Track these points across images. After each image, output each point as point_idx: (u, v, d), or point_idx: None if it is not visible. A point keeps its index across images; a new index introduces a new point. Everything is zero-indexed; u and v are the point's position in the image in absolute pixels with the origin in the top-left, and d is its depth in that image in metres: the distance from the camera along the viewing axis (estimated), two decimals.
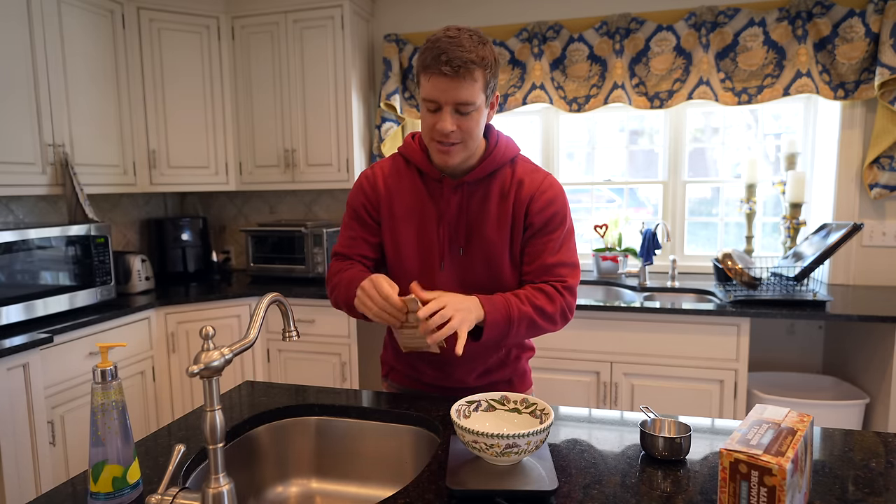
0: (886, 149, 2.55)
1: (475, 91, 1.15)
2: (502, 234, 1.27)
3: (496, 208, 1.28)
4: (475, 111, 1.17)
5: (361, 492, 1.23)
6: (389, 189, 1.33)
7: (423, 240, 1.30)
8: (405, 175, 1.33)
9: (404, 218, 1.31)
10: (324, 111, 3.02)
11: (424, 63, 1.15)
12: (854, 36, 2.54)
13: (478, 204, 1.28)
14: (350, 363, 2.84)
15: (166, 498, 0.84)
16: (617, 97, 2.79)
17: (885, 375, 2.20)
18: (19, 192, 2.35)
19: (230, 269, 3.63)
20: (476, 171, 1.27)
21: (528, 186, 1.27)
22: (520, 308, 1.20)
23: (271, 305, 1.02)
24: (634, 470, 0.98)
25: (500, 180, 1.29)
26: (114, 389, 0.90)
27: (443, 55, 1.11)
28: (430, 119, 1.19)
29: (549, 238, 1.27)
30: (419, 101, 1.22)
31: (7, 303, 2.15)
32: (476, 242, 1.28)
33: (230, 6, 3.07)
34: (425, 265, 1.31)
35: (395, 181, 1.33)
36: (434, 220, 1.30)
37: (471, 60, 1.12)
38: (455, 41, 1.13)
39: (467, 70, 1.12)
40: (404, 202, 1.31)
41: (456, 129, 1.17)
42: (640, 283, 2.82)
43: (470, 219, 1.28)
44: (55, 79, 2.48)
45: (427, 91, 1.16)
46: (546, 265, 1.27)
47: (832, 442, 1.07)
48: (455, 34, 1.14)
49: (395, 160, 1.36)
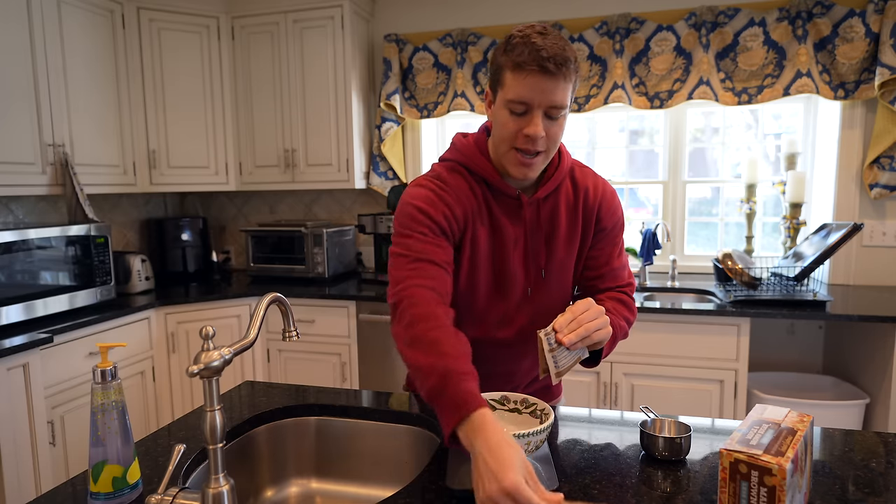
0: (886, 149, 2.55)
1: (568, 92, 1.05)
2: (571, 248, 1.21)
3: (566, 223, 1.19)
4: (563, 118, 1.07)
5: (361, 492, 1.23)
6: (471, 207, 1.15)
7: (500, 268, 1.18)
8: (476, 190, 1.16)
9: (484, 243, 1.16)
10: (324, 111, 3.02)
11: (518, 60, 1.01)
12: (854, 36, 2.54)
13: (548, 220, 1.18)
14: (350, 363, 2.84)
15: (166, 498, 0.84)
16: (617, 97, 2.79)
17: (885, 375, 2.20)
18: (19, 192, 2.35)
19: (230, 269, 3.63)
20: (548, 185, 1.16)
21: (593, 192, 1.21)
22: (619, 325, 1.16)
23: (271, 305, 1.01)
24: (634, 470, 0.98)
25: (566, 191, 1.20)
26: (114, 389, 0.90)
27: (542, 51, 1.00)
28: (514, 123, 1.05)
29: (615, 242, 1.25)
30: (497, 101, 1.08)
31: (7, 303, 2.15)
32: (553, 262, 1.20)
33: (230, 6, 3.07)
34: (500, 295, 1.20)
35: (472, 198, 1.15)
36: (511, 242, 1.17)
37: (569, 58, 1.01)
38: (549, 38, 1.02)
39: (567, 69, 1.02)
40: (483, 223, 1.16)
41: (544, 136, 1.05)
42: (640, 283, 2.82)
43: (544, 238, 1.19)
44: (55, 79, 2.48)
45: (518, 91, 1.03)
46: (614, 269, 1.25)
47: (832, 442, 1.07)
48: (544, 30, 1.03)
49: (457, 171, 1.17)
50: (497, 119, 1.09)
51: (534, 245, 1.18)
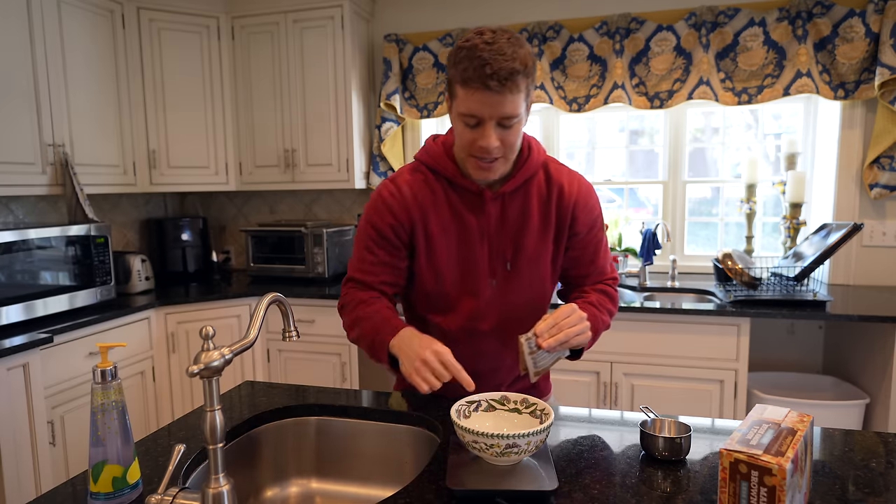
0: (886, 149, 2.55)
1: (519, 102, 1.06)
2: (545, 243, 1.23)
3: (538, 217, 1.22)
4: (517, 123, 1.09)
5: (361, 492, 1.23)
6: (422, 206, 1.21)
7: (465, 259, 1.22)
8: (436, 188, 1.21)
9: (441, 236, 1.21)
10: (324, 111, 3.02)
11: (465, 76, 1.04)
12: (854, 36, 2.54)
13: (517, 213, 1.21)
14: (350, 363, 2.84)
15: (166, 498, 0.84)
16: (617, 97, 2.79)
17: (885, 375, 2.20)
18: (19, 192, 2.35)
19: (230, 269, 3.63)
20: (515, 180, 1.19)
21: (568, 190, 1.23)
22: (602, 320, 1.20)
23: (271, 305, 1.01)
24: (634, 470, 0.98)
25: (537, 186, 1.22)
26: (114, 389, 0.90)
27: (486, 67, 1.01)
28: (469, 135, 1.10)
29: (596, 238, 1.27)
30: (453, 112, 1.12)
31: (7, 303, 2.15)
32: (521, 255, 1.23)
33: (230, 6, 3.07)
34: (468, 286, 1.23)
35: (427, 197, 1.21)
36: (476, 235, 1.21)
37: (515, 70, 1.02)
38: (495, 48, 1.02)
39: (513, 82, 1.02)
40: (440, 219, 1.21)
41: (499, 145, 1.09)
42: (640, 283, 2.82)
43: (513, 231, 1.22)
44: (55, 79, 2.48)
45: (468, 106, 1.06)
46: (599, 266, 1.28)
47: (832, 442, 1.07)
48: (492, 38, 1.03)
49: (419, 171, 1.24)
50: (455, 127, 1.14)
51: (500, 238, 1.21)
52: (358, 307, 1.23)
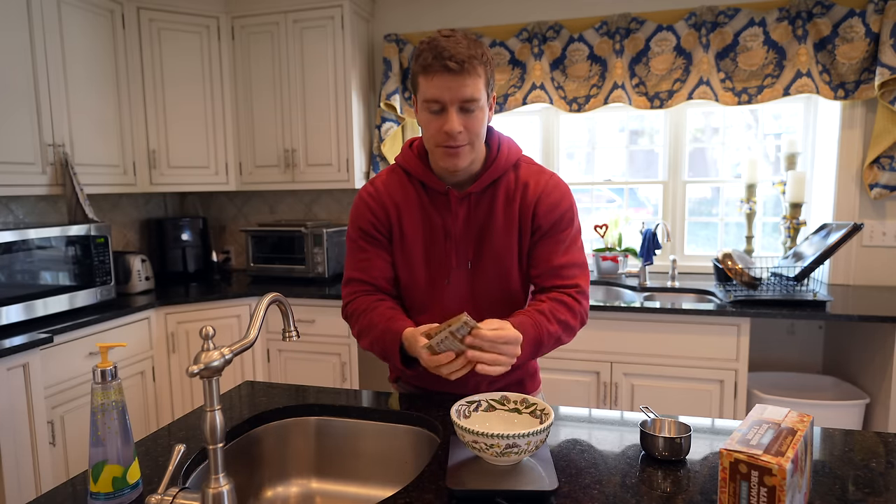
0: (886, 149, 2.55)
1: (479, 87, 1.13)
2: (510, 240, 1.25)
3: (502, 215, 1.24)
4: (479, 110, 1.15)
5: (361, 492, 1.23)
6: (396, 204, 1.28)
7: (431, 256, 1.27)
8: (409, 188, 1.28)
9: (413, 234, 1.27)
10: (324, 111, 3.02)
11: (425, 63, 1.12)
12: (854, 36, 2.54)
13: (484, 213, 1.25)
14: (350, 363, 2.84)
15: (166, 498, 0.84)
16: (617, 97, 2.79)
17: (885, 375, 2.20)
18: (19, 192, 2.35)
19: (230, 269, 3.63)
20: (482, 180, 1.23)
21: (533, 188, 1.24)
22: (548, 329, 1.17)
23: (271, 305, 1.01)
24: (634, 470, 0.98)
25: (505, 186, 1.25)
26: (114, 389, 0.90)
27: (444, 52, 1.10)
28: (434, 122, 1.15)
29: (557, 239, 1.24)
30: (418, 105, 1.19)
31: (7, 303, 2.15)
32: (485, 254, 1.26)
33: (230, 6, 3.07)
34: (433, 282, 1.28)
35: (401, 196, 1.28)
36: (441, 235, 1.26)
37: (472, 55, 1.11)
38: (452, 39, 1.12)
39: (471, 65, 1.11)
40: (412, 218, 1.27)
41: (463, 130, 1.14)
42: (640, 283, 2.82)
43: (478, 230, 1.25)
44: (55, 79, 2.48)
45: (430, 92, 1.13)
46: (555, 267, 1.24)
47: (832, 442, 1.07)
48: (450, 34, 1.13)
49: (395, 173, 1.31)
50: (421, 122, 1.19)
51: (465, 237, 1.26)
52: (362, 317, 1.27)
